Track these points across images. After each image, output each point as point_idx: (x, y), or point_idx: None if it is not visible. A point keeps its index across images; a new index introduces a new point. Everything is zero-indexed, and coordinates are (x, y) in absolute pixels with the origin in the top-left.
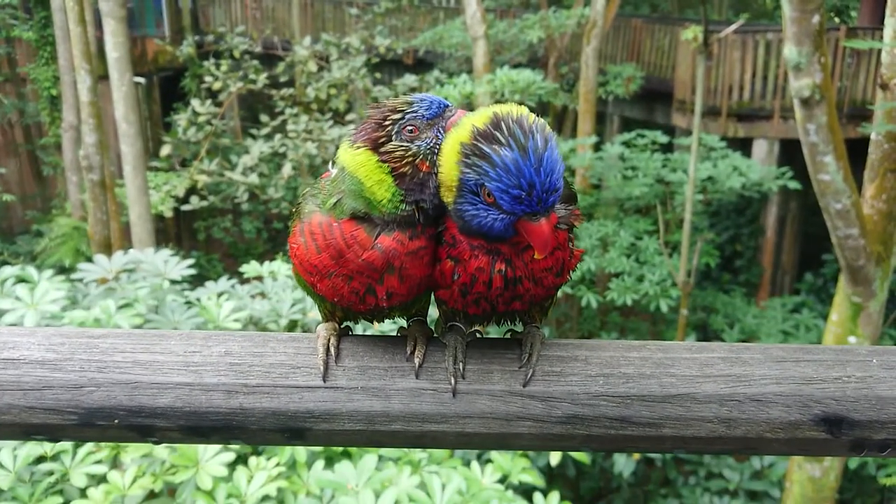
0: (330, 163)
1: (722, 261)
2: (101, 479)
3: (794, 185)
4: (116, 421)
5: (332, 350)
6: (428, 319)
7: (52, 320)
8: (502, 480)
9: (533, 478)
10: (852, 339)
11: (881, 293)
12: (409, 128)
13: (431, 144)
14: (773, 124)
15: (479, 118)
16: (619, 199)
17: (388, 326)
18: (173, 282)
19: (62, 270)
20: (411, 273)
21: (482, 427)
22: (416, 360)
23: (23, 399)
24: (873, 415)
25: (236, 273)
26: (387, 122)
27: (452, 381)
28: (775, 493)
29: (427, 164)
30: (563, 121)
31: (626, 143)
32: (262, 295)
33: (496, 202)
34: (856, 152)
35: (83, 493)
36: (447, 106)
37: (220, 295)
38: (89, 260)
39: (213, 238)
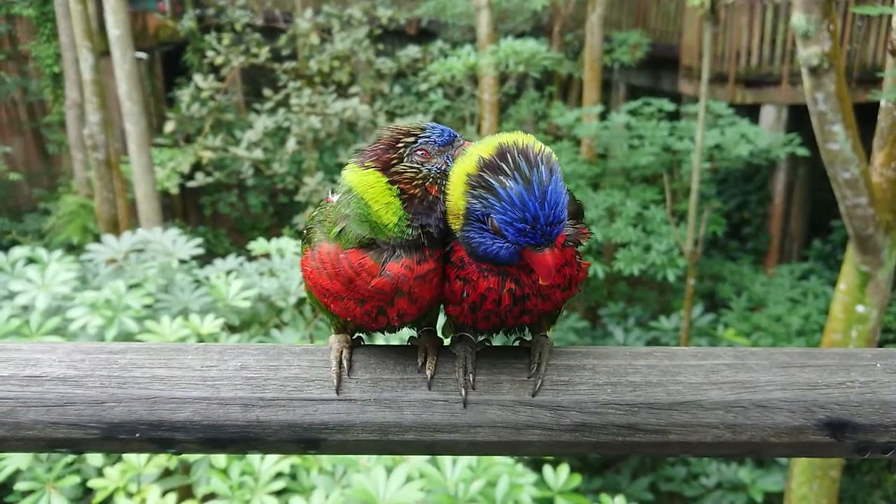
0: (329, 190)
1: (729, 229)
2: (117, 459)
3: (802, 151)
4: (138, 435)
5: (345, 362)
6: (438, 328)
7: (63, 301)
8: None
9: None
10: (860, 308)
11: (889, 262)
12: (421, 151)
13: (441, 169)
14: (781, 90)
15: (485, 148)
16: (626, 168)
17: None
18: (182, 261)
19: (70, 248)
20: (421, 295)
21: (492, 436)
22: (428, 372)
23: (46, 415)
24: (876, 419)
25: (244, 249)
26: (399, 145)
27: (463, 392)
28: (783, 460)
29: (436, 187)
30: (568, 89)
31: (633, 112)
32: (271, 272)
33: (501, 232)
34: (866, 117)
35: (100, 472)
36: (457, 136)
37: (228, 273)
38: (97, 238)
39: (220, 213)
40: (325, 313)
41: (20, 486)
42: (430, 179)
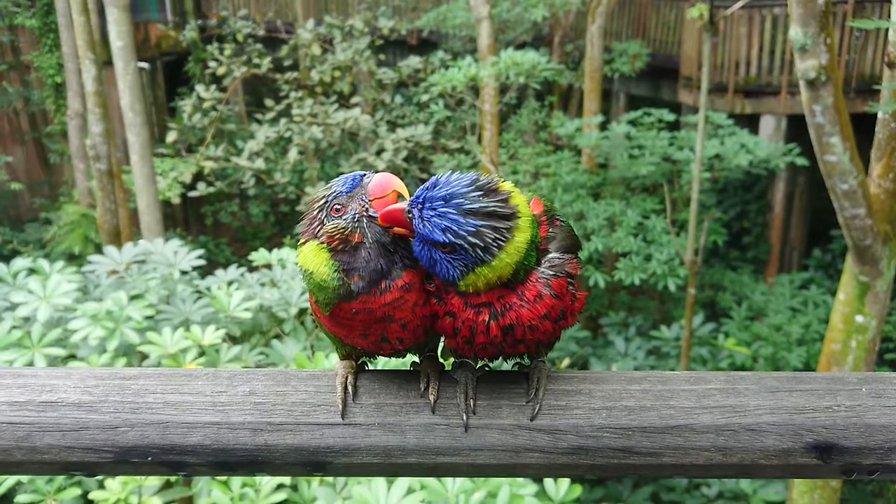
0: None
1: (729, 238)
2: None
3: (801, 161)
4: (150, 458)
5: (350, 388)
6: (439, 352)
7: (64, 312)
8: None
9: None
10: (859, 318)
11: (888, 272)
12: (336, 206)
13: (356, 214)
14: (780, 100)
15: None
16: (626, 178)
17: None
18: (183, 272)
19: (71, 258)
20: (407, 319)
21: (492, 459)
22: (431, 397)
23: (62, 440)
24: (862, 442)
25: (245, 258)
26: (318, 213)
27: (464, 417)
28: None
29: (357, 234)
30: (568, 99)
31: (633, 122)
32: (272, 283)
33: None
34: (864, 127)
35: (101, 484)
36: (363, 175)
37: (229, 284)
38: (98, 248)
39: (221, 222)
40: (334, 342)
41: (21, 498)
42: (349, 229)
